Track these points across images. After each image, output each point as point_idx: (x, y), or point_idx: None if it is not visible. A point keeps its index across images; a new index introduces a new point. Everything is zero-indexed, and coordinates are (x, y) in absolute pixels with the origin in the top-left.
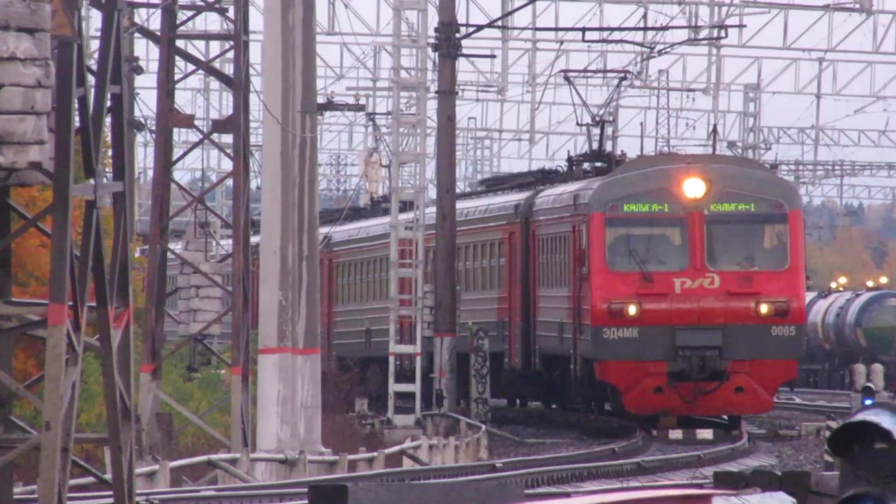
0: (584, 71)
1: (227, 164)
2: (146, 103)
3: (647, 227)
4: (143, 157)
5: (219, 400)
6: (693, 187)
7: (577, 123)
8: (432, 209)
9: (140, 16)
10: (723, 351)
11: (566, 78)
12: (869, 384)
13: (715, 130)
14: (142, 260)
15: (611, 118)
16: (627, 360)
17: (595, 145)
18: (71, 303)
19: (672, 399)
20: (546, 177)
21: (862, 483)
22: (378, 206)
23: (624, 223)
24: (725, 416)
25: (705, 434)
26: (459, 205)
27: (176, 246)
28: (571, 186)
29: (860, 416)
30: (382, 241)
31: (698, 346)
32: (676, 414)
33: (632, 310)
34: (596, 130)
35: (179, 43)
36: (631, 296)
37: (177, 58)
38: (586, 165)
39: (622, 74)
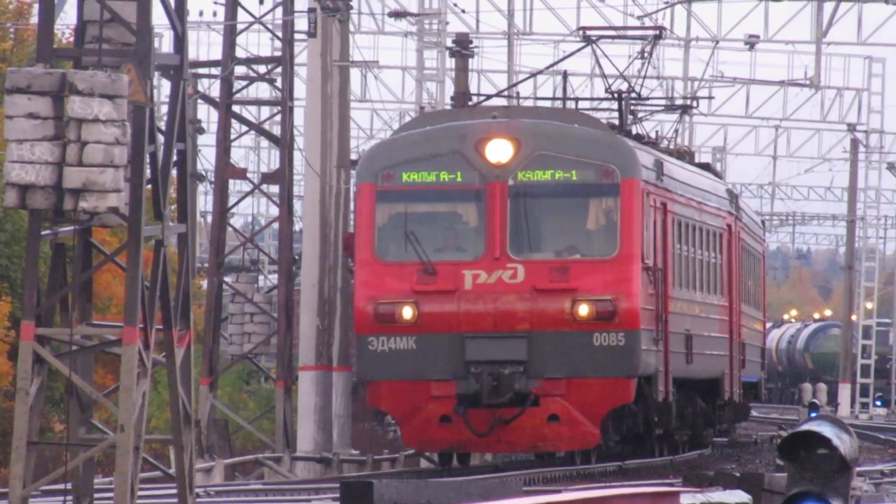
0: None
1: (274, 210)
2: (207, 158)
3: (432, 202)
4: (204, 203)
5: (265, 409)
6: (494, 150)
7: None
8: None
9: (202, 85)
10: (529, 367)
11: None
12: (814, 400)
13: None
14: (200, 293)
15: None
16: (402, 379)
17: None
18: (142, 325)
19: (464, 432)
20: None
21: (806, 483)
22: None
23: (400, 197)
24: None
25: None
26: None
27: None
28: None
29: (805, 427)
30: None
31: (496, 361)
32: (469, 451)
33: (407, 312)
34: None
35: (235, 108)
36: (406, 294)
37: (232, 120)
38: None
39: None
